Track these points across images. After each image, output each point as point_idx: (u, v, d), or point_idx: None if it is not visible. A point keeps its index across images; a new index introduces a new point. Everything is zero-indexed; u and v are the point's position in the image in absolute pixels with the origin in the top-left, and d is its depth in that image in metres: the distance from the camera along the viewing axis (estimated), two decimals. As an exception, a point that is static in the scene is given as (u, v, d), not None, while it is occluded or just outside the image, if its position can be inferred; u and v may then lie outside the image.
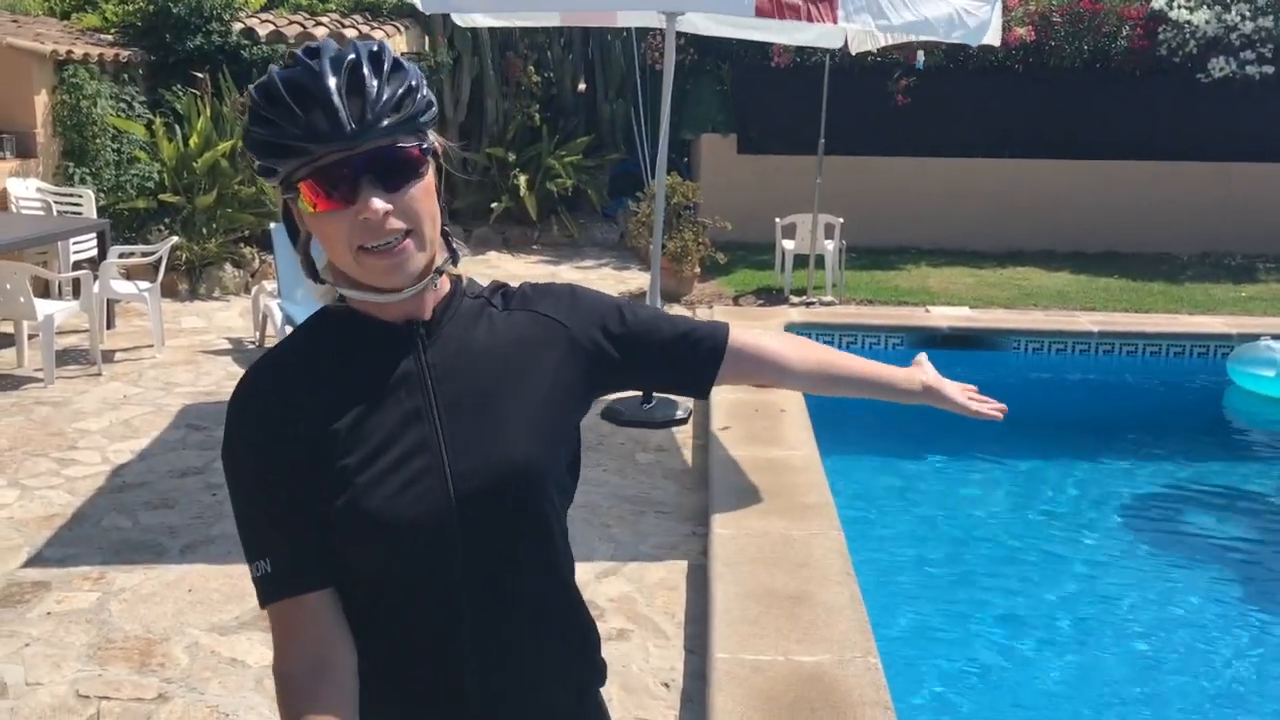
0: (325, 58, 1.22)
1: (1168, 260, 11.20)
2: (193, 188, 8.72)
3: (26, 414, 5.78)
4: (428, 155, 1.27)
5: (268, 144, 1.22)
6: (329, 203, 1.21)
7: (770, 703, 2.99)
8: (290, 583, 1.28)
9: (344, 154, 1.20)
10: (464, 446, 1.31)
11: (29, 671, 3.34)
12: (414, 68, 1.28)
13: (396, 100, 1.23)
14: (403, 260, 1.24)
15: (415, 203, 1.24)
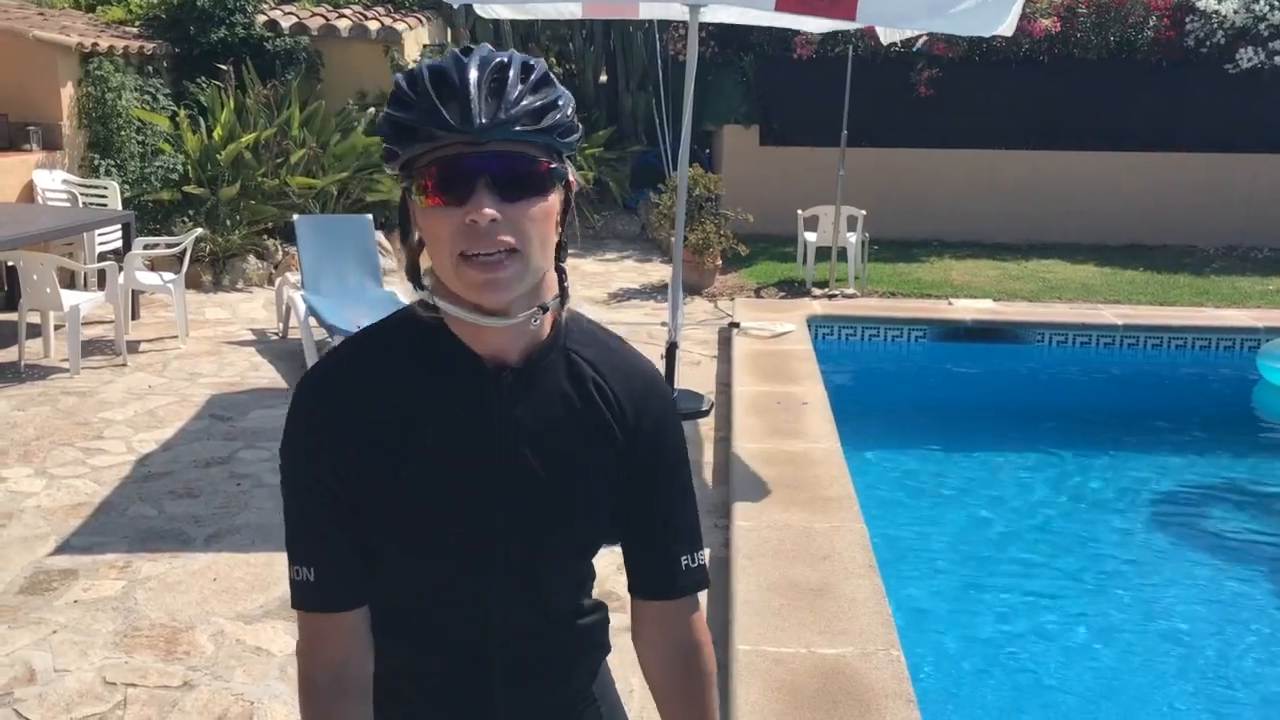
0: (475, 54, 1.20)
1: (1193, 253, 11.11)
2: (217, 180, 8.77)
3: (53, 404, 5.83)
4: (556, 178, 1.22)
5: (396, 124, 1.19)
6: (440, 198, 1.17)
7: (793, 695, 2.98)
8: (328, 598, 1.27)
9: (466, 148, 1.16)
10: (521, 518, 1.30)
11: (56, 658, 3.37)
12: (566, 91, 1.24)
13: (535, 109, 1.18)
14: (501, 278, 1.17)
15: (528, 220, 1.18)
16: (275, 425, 5.61)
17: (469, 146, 1.16)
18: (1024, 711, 3.67)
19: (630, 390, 1.35)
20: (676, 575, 1.39)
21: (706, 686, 1.44)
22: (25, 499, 4.61)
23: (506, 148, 1.17)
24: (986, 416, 6.97)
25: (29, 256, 6.36)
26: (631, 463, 1.35)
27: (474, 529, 1.29)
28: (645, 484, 1.37)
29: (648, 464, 1.36)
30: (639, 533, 1.39)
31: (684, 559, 1.39)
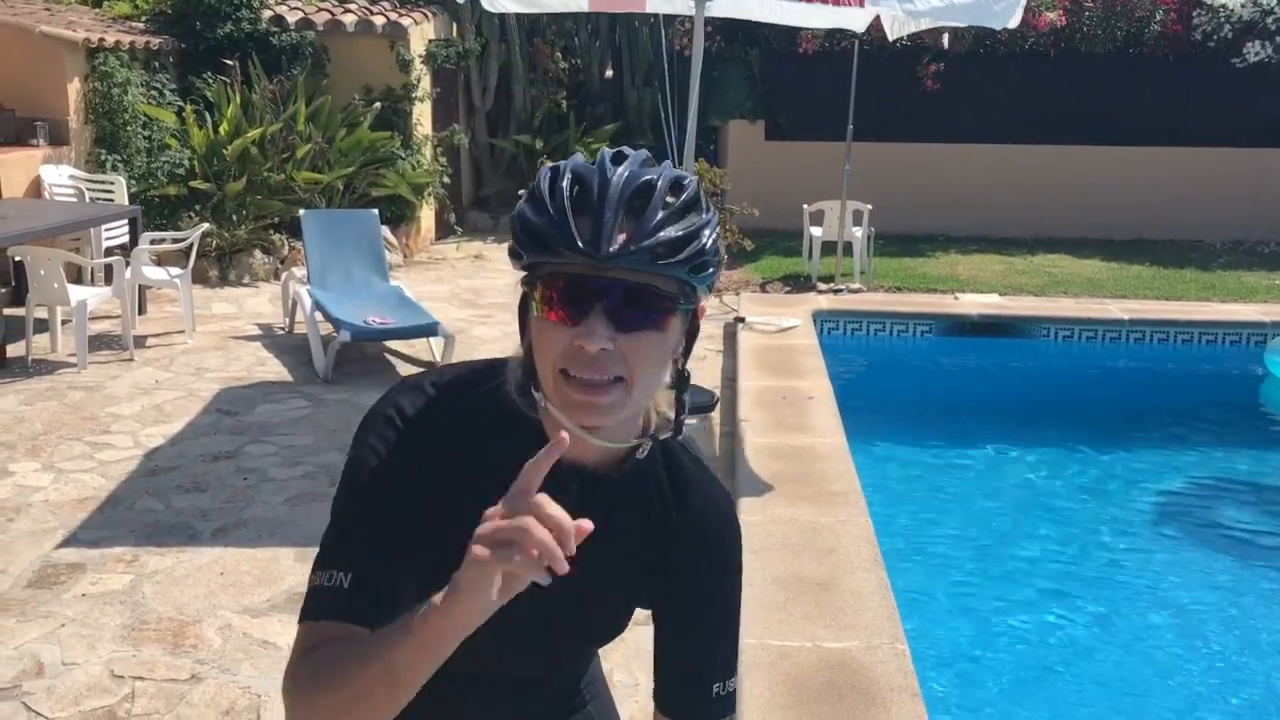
0: (624, 166, 1.12)
1: (1199, 248, 11.08)
2: (223, 175, 8.78)
3: (60, 398, 5.85)
4: (681, 310, 1.14)
5: (526, 227, 1.11)
6: (554, 312, 1.11)
7: (798, 688, 2.99)
8: (355, 610, 1.17)
9: (590, 271, 1.09)
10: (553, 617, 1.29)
11: (65, 651, 3.39)
12: (713, 220, 1.15)
13: (673, 240, 1.09)
14: (600, 403, 1.11)
15: (640, 353, 1.11)
16: (282, 419, 5.63)
17: (593, 269, 1.08)
18: (1029, 705, 3.68)
19: (701, 529, 1.31)
20: (705, 703, 1.35)
21: None
22: (33, 493, 4.63)
23: (633, 276, 1.09)
24: (992, 411, 6.97)
25: (36, 251, 6.38)
26: (684, 595, 1.33)
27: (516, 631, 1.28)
28: (694, 616, 1.34)
29: (700, 599, 1.33)
30: (677, 658, 1.36)
31: (716, 687, 1.35)
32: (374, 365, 6.70)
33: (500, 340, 7.41)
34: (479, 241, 11.36)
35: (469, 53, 11.26)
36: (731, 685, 1.37)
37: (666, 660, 1.37)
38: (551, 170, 1.13)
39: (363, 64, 10.22)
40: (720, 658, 1.36)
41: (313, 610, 1.19)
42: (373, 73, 10.22)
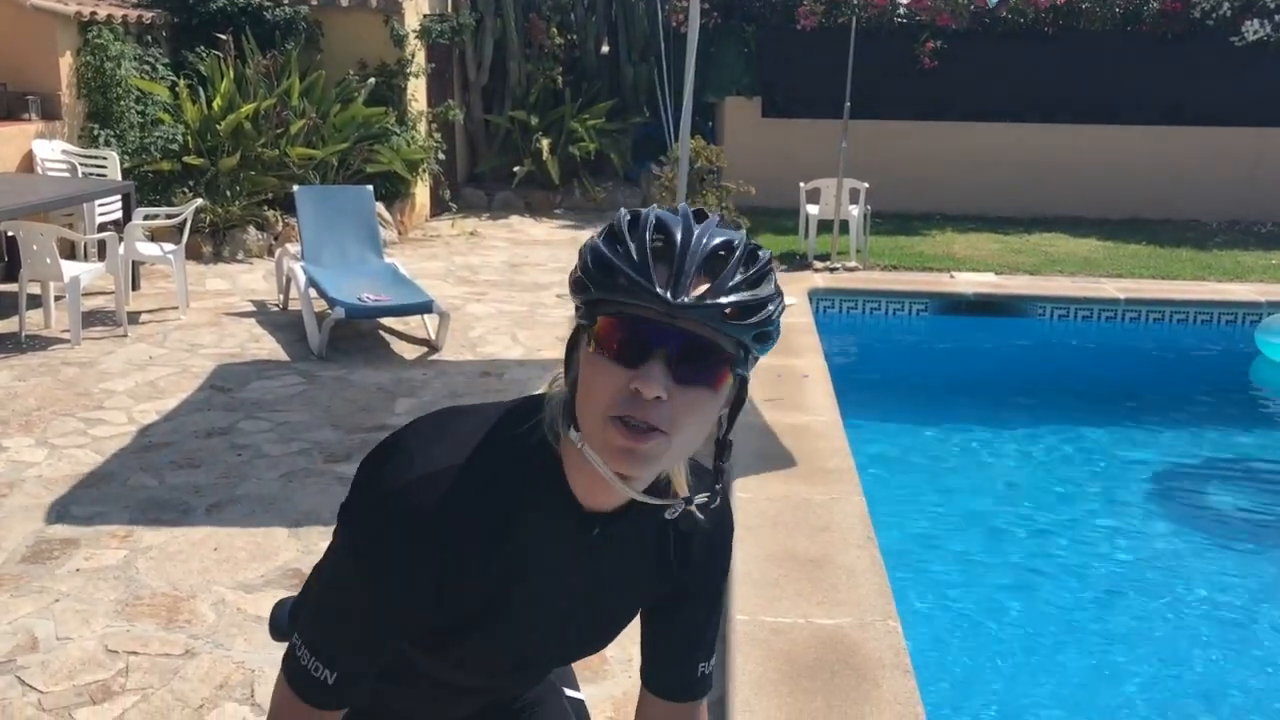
0: (707, 225, 1.12)
1: (1196, 227, 11.08)
2: (216, 150, 8.74)
3: (54, 374, 5.84)
4: (733, 375, 1.14)
5: (601, 260, 1.09)
6: (612, 353, 1.09)
7: (791, 664, 3.00)
8: (334, 701, 1.22)
9: (659, 317, 1.07)
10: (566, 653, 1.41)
11: (59, 626, 3.39)
12: (782, 297, 1.15)
13: (746, 304, 1.09)
14: (642, 450, 1.09)
15: (691, 408, 1.10)
16: (276, 396, 5.62)
17: (662, 315, 1.07)
18: (1021, 682, 3.70)
19: (708, 540, 1.36)
20: (692, 682, 1.42)
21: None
22: (27, 469, 4.63)
23: (698, 330, 1.08)
24: (987, 390, 6.97)
25: (29, 227, 6.35)
26: (682, 592, 1.38)
27: (521, 665, 1.36)
28: (688, 610, 1.40)
29: (694, 593, 1.39)
30: (667, 642, 1.42)
31: (701, 667, 1.42)
32: (368, 342, 6.69)
33: (495, 317, 7.40)
34: (474, 218, 11.32)
35: (464, 28, 11.19)
36: (712, 665, 1.44)
37: (657, 644, 1.43)
38: (633, 214, 1.13)
39: (357, 39, 10.16)
40: (708, 640, 1.43)
41: (296, 684, 1.22)
42: (367, 48, 10.17)
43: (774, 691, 2.87)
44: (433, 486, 1.15)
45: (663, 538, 1.31)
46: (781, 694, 2.86)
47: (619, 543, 1.27)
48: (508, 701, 1.56)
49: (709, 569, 1.37)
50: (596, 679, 3.17)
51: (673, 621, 1.40)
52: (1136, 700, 3.61)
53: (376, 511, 1.16)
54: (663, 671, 1.43)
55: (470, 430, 1.21)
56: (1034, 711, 3.52)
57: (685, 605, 1.38)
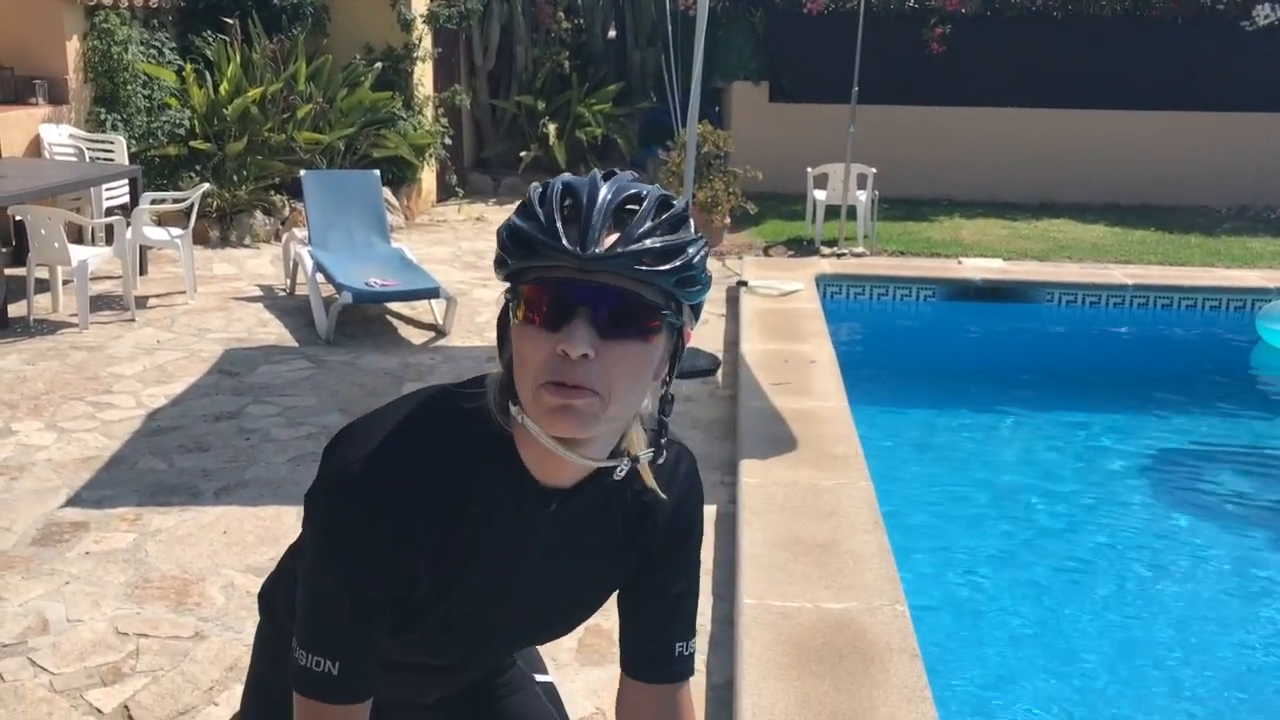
0: (614, 181, 1.13)
1: (1205, 213, 11.03)
2: (223, 135, 8.74)
3: (62, 358, 5.85)
4: (666, 329, 1.12)
5: (512, 231, 1.12)
6: (537, 318, 1.10)
7: (798, 648, 3.01)
8: (347, 693, 1.21)
9: (576, 274, 1.08)
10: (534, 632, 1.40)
11: (69, 609, 3.41)
12: (702, 242, 1.14)
13: (660, 249, 1.09)
14: (576, 406, 1.08)
15: (622, 363, 1.09)
16: (283, 381, 5.63)
17: (579, 273, 1.08)
18: (1028, 667, 3.70)
19: (676, 509, 1.34)
20: (670, 662, 1.40)
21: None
22: (36, 452, 4.64)
23: (619, 283, 1.08)
24: (995, 376, 6.97)
25: (37, 211, 6.35)
26: (653, 568, 1.36)
27: (487, 642, 1.36)
28: (659, 583, 1.38)
29: (666, 568, 1.37)
30: (642, 622, 1.40)
31: (679, 646, 1.40)
32: (376, 327, 6.69)
33: (501, 303, 7.39)
34: (480, 204, 11.31)
35: (471, 12, 11.16)
36: (692, 646, 1.42)
37: (632, 625, 1.41)
38: (543, 185, 1.14)
39: (363, 23, 10.14)
40: (683, 619, 1.40)
41: (305, 689, 1.22)
42: (374, 32, 10.15)
43: (781, 675, 2.88)
44: (386, 464, 1.16)
45: (626, 510, 1.30)
46: (789, 678, 2.87)
47: (580, 518, 1.27)
48: (480, 687, 1.56)
49: (676, 538, 1.35)
50: (604, 662, 3.18)
51: (644, 597, 1.38)
52: (1147, 684, 3.61)
53: (334, 491, 1.17)
54: (638, 652, 1.41)
55: (419, 409, 1.23)
56: (1042, 695, 3.52)
57: (655, 579, 1.36)
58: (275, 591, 1.49)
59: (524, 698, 1.60)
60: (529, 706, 1.60)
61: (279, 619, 1.46)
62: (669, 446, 1.27)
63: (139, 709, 2.93)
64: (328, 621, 1.20)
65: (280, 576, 1.48)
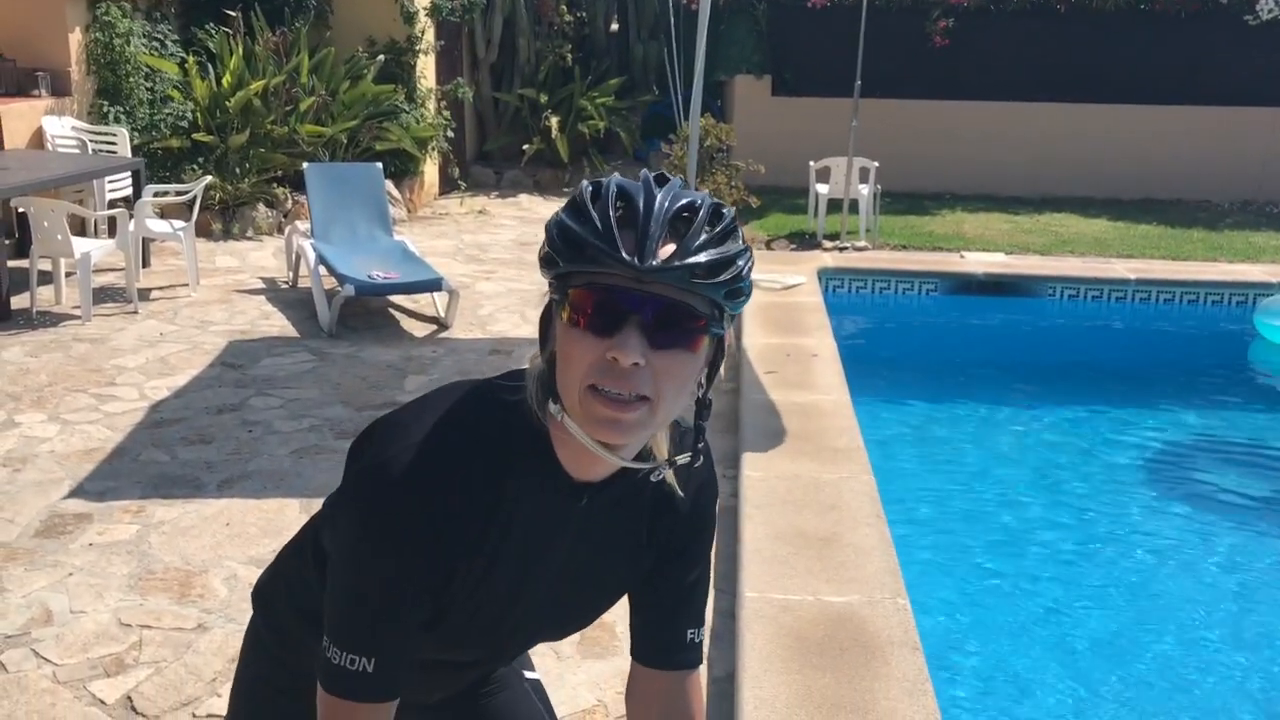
0: (669, 188, 1.12)
1: (1208, 208, 11.02)
2: (226, 127, 8.73)
3: (65, 350, 5.86)
4: (711, 335, 1.13)
5: (566, 234, 1.10)
6: (587, 323, 1.09)
7: (800, 641, 3.01)
8: (381, 691, 1.20)
9: (628, 282, 1.08)
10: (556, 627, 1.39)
11: (72, 600, 3.42)
12: (749, 252, 1.15)
13: (713, 262, 1.09)
14: (626, 420, 1.10)
15: (670, 372, 1.10)
16: (286, 373, 5.64)
17: (632, 281, 1.08)
18: (1029, 659, 3.71)
19: (694, 502, 1.35)
20: (681, 650, 1.41)
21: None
22: (39, 444, 4.65)
23: (669, 293, 1.08)
24: (996, 370, 6.97)
25: (40, 203, 6.36)
26: (667, 559, 1.37)
27: (510, 637, 1.35)
28: (673, 572, 1.38)
29: (680, 558, 1.38)
30: (654, 610, 1.40)
31: (690, 633, 1.41)
32: (378, 320, 6.70)
33: (504, 295, 7.41)
34: (483, 197, 11.31)
35: (473, 5, 11.15)
36: (701, 634, 1.43)
37: (644, 613, 1.41)
38: (594, 184, 1.13)
39: (366, 16, 10.13)
40: (694, 607, 1.41)
41: (338, 688, 1.19)
42: (376, 25, 10.14)
43: (783, 668, 2.88)
44: (420, 455, 1.16)
45: (649, 504, 1.31)
46: (791, 670, 2.87)
47: (608, 512, 1.28)
48: (472, 686, 1.56)
49: (692, 530, 1.37)
50: (606, 655, 3.18)
51: (657, 586, 1.39)
52: (1147, 675, 3.62)
53: (375, 483, 1.17)
54: (649, 639, 1.41)
55: (458, 403, 1.22)
56: (1044, 686, 3.53)
57: (668, 569, 1.37)
58: (273, 587, 1.47)
59: (512, 695, 1.61)
60: (517, 704, 1.61)
61: (275, 615, 1.46)
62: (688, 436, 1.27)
63: (142, 700, 2.94)
64: (364, 618, 1.18)
65: (278, 572, 1.47)
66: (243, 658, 1.54)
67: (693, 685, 1.43)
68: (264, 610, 1.49)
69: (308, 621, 1.37)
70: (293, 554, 1.45)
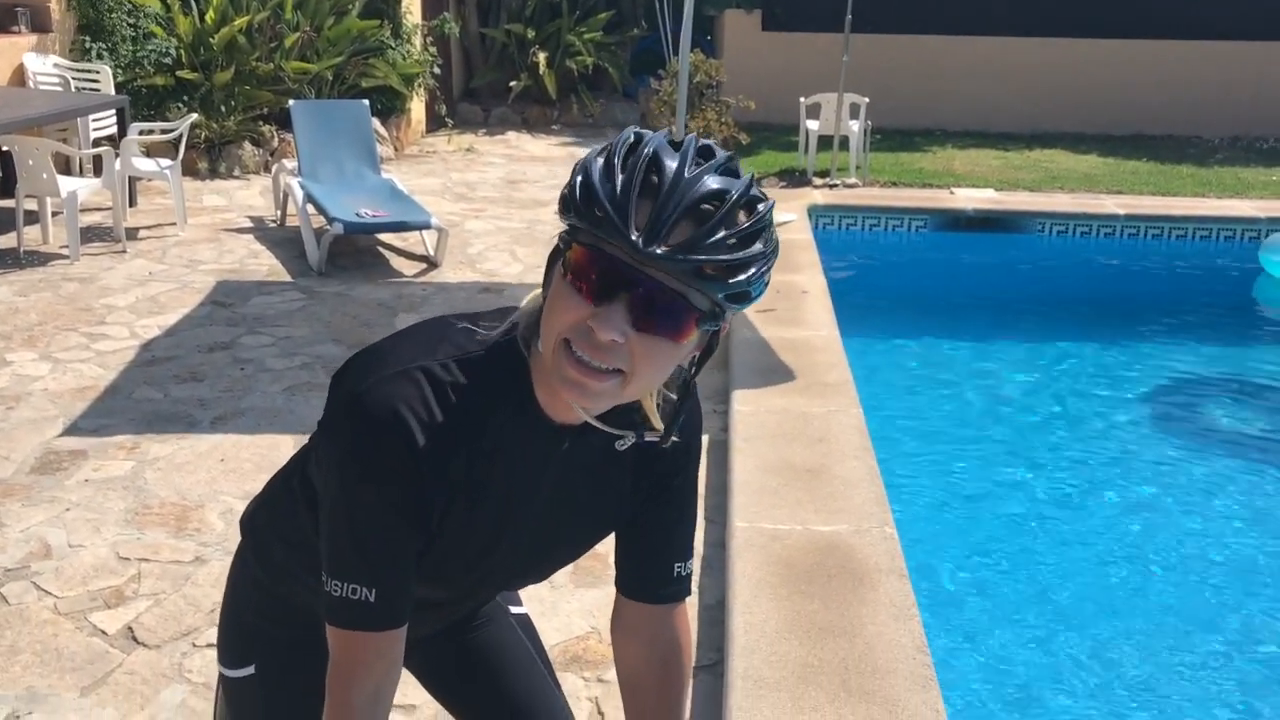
0: (706, 167, 1.06)
1: (1197, 144, 11.01)
2: (210, 64, 8.63)
3: (54, 290, 5.85)
4: (701, 329, 1.10)
5: (589, 188, 1.05)
6: (579, 284, 1.06)
7: (788, 569, 3.07)
8: (386, 618, 1.20)
9: (630, 259, 1.03)
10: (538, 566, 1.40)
11: (70, 535, 3.46)
12: (773, 255, 1.09)
13: (726, 264, 1.04)
14: (592, 388, 1.08)
15: (649, 356, 1.07)
16: (276, 312, 5.64)
17: (628, 256, 1.03)
18: (1015, 590, 3.78)
19: (676, 452, 1.33)
20: (667, 582, 1.40)
21: (682, 686, 1.45)
22: (32, 382, 4.66)
23: (669, 280, 1.04)
24: (985, 306, 7.00)
25: (24, 141, 6.30)
26: (651, 496, 1.37)
27: (492, 575, 1.35)
28: (657, 508, 1.38)
29: (665, 495, 1.37)
30: (640, 544, 1.40)
31: (677, 566, 1.40)
32: (367, 258, 6.69)
33: (493, 234, 7.39)
34: (470, 134, 11.23)
35: (459, -62, 10.97)
36: (689, 568, 1.42)
37: (630, 548, 1.41)
38: (636, 136, 1.08)
39: (350, -51, 9.96)
40: (680, 539, 1.41)
41: (343, 620, 1.19)
42: (361, -41, 9.97)
43: (772, 595, 2.94)
44: (402, 382, 1.15)
45: (633, 449, 1.29)
46: (780, 597, 2.93)
47: (591, 456, 1.27)
48: (460, 622, 1.58)
49: (676, 468, 1.36)
50: (599, 583, 3.24)
51: (642, 525, 1.38)
52: (1131, 604, 3.70)
53: (351, 411, 1.16)
54: (636, 573, 1.41)
55: (438, 337, 1.22)
56: (1026, 616, 3.61)
57: (653, 508, 1.37)
58: (261, 515, 1.48)
59: (497, 629, 1.63)
60: (502, 637, 1.63)
61: (263, 542, 1.47)
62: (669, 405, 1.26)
63: (143, 630, 2.99)
64: (358, 547, 1.18)
65: (266, 500, 1.48)
66: (230, 585, 1.54)
67: (680, 617, 1.43)
68: (252, 538, 1.49)
69: (294, 549, 1.38)
70: (281, 483, 1.45)
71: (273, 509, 1.46)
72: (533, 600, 3.15)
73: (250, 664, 1.49)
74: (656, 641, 1.42)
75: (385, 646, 1.21)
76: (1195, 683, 3.29)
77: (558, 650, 2.95)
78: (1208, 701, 3.21)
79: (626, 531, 1.40)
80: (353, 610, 1.18)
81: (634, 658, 1.44)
